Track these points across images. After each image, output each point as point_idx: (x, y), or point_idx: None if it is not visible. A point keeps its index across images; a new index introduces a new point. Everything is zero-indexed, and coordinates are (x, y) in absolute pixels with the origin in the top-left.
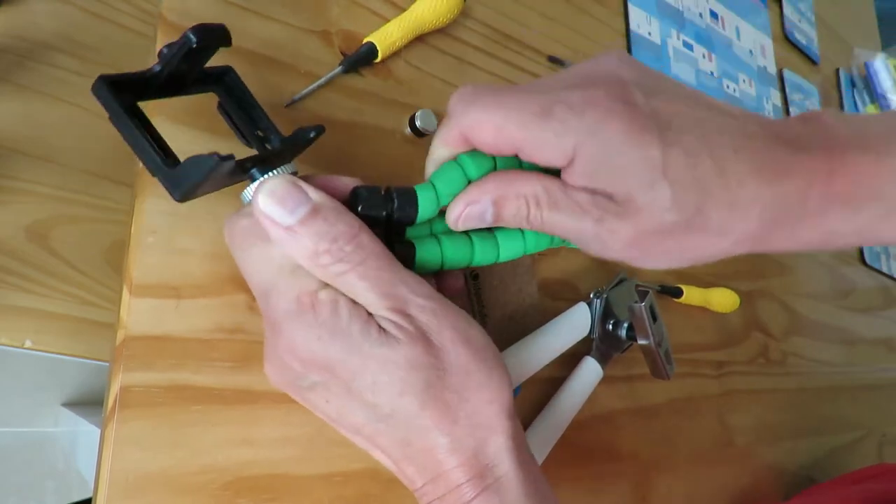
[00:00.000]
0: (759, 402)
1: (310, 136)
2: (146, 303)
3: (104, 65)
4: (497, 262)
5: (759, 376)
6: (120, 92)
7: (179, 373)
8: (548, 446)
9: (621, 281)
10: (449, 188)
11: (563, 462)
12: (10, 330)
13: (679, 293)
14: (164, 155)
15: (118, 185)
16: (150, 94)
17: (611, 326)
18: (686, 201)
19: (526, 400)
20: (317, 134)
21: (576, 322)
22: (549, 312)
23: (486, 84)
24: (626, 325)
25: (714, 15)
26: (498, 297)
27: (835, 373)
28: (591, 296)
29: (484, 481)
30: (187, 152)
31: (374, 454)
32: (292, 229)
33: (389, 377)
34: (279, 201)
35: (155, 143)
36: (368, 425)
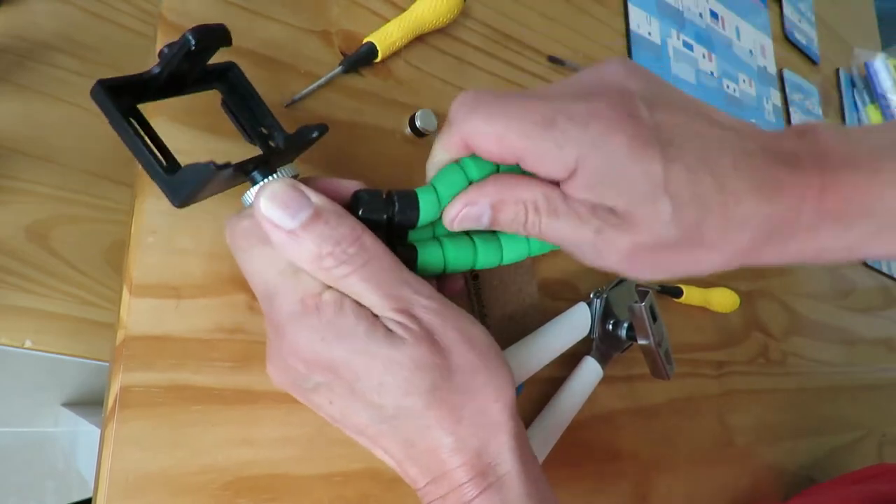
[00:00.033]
0: (759, 402)
1: (313, 136)
2: (146, 303)
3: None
4: (497, 276)
5: (759, 376)
6: (119, 96)
7: (179, 373)
8: (548, 446)
9: (621, 281)
10: (450, 191)
11: (563, 462)
12: (10, 330)
13: (679, 293)
14: (165, 159)
15: (118, 185)
16: (150, 96)
17: (611, 326)
18: (685, 217)
19: (526, 400)
20: (320, 133)
21: (576, 322)
22: (549, 312)
23: (489, 90)
24: (626, 325)
25: (714, 15)
26: (498, 297)
27: (835, 373)
28: (591, 296)
29: (486, 480)
30: (188, 152)
31: (376, 454)
32: (294, 233)
33: (395, 378)
34: (281, 205)
35: (155, 147)
36: (372, 426)
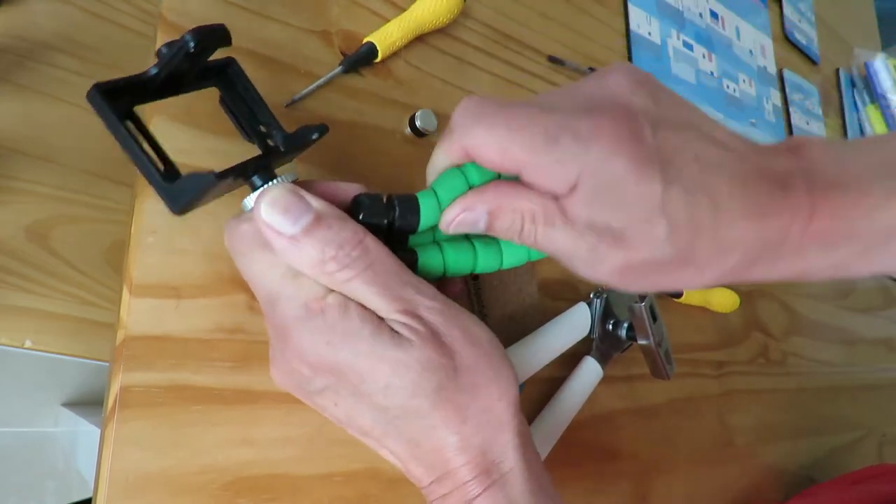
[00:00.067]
0: (759, 402)
1: (313, 138)
2: (146, 303)
3: (104, 65)
4: (497, 276)
5: (759, 376)
6: (115, 99)
7: (179, 373)
8: (548, 446)
9: None
10: (451, 195)
11: (563, 462)
12: (10, 330)
13: (679, 293)
14: (164, 163)
15: (118, 185)
16: (148, 97)
17: (611, 326)
18: (679, 238)
19: (526, 400)
20: (320, 134)
21: (576, 322)
22: (549, 312)
23: (492, 98)
24: (626, 325)
25: (714, 15)
26: (498, 297)
27: (835, 373)
28: (591, 296)
29: (490, 477)
30: (188, 152)
31: (381, 453)
32: (296, 239)
33: (402, 380)
34: (282, 211)
35: (153, 151)
36: (377, 427)
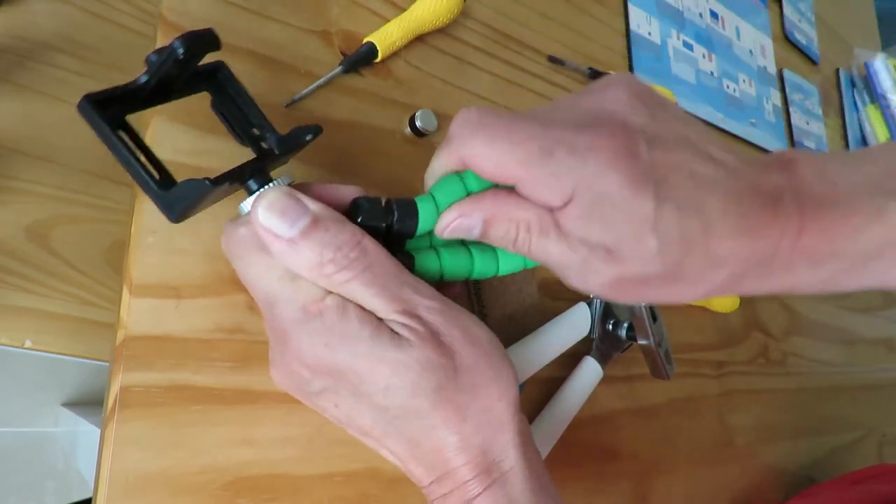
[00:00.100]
0: (759, 402)
1: (306, 139)
2: (146, 303)
3: (104, 65)
4: (496, 276)
5: (759, 376)
6: (107, 108)
7: (179, 373)
8: (548, 446)
9: None
10: (449, 201)
11: (563, 462)
12: (10, 330)
13: None
14: (158, 171)
15: (118, 185)
16: (139, 105)
17: (611, 326)
18: (670, 255)
19: (526, 400)
20: (314, 136)
21: (576, 322)
22: (549, 312)
23: (492, 110)
24: (626, 325)
25: (714, 15)
26: (498, 297)
27: (835, 373)
28: (592, 296)
29: (490, 477)
30: (188, 152)
31: (381, 453)
32: (294, 241)
33: (402, 380)
34: (279, 214)
35: (147, 159)
36: (377, 427)
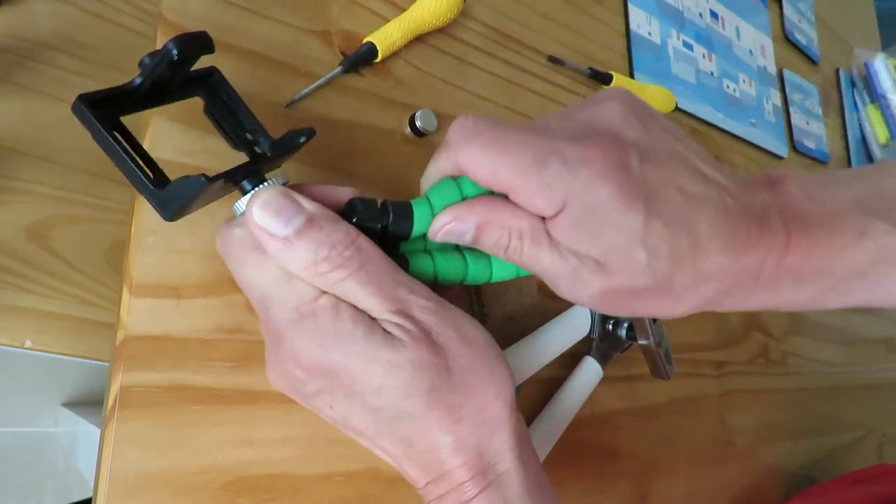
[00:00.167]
0: (759, 402)
1: (300, 142)
2: (146, 303)
3: (104, 65)
4: (490, 282)
5: (759, 376)
6: (101, 109)
7: (179, 373)
8: (548, 446)
9: None
10: (445, 204)
11: (563, 462)
12: (10, 330)
13: None
14: (152, 171)
15: (118, 185)
16: (133, 107)
17: (611, 326)
18: (659, 267)
19: (526, 400)
20: (307, 138)
21: (576, 322)
22: (549, 312)
23: (489, 118)
24: (626, 324)
25: (714, 15)
26: (498, 296)
27: (835, 373)
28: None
29: (486, 479)
30: (188, 152)
31: (377, 453)
32: (288, 240)
33: (394, 380)
34: (274, 213)
35: (141, 159)
36: (371, 427)
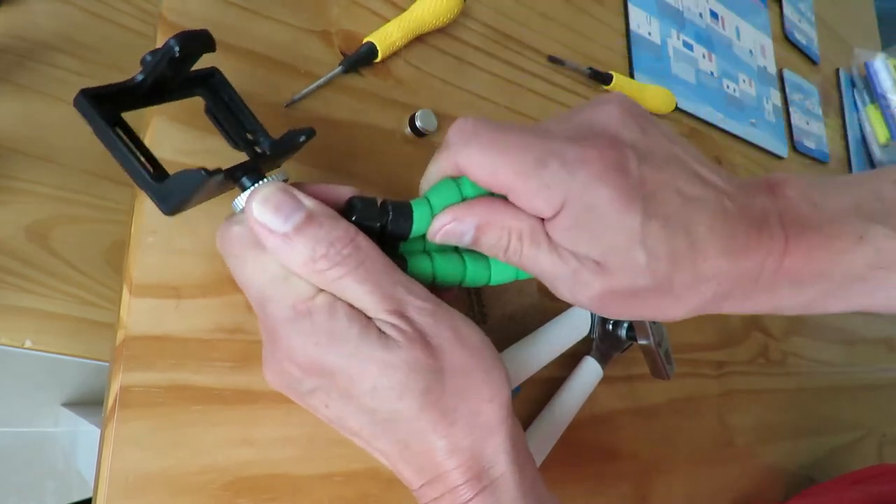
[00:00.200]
0: (759, 402)
1: (300, 141)
2: (146, 303)
3: (104, 65)
4: (488, 285)
5: (759, 376)
6: (103, 105)
7: (179, 373)
8: (548, 446)
9: None
10: (444, 204)
11: (563, 462)
12: (10, 330)
13: None
14: (152, 167)
15: (118, 185)
16: (134, 104)
17: (611, 326)
18: (658, 268)
19: (526, 400)
20: (307, 138)
21: (576, 322)
22: (549, 312)
23: (488, 120)
24: (625, 324)
25: (714, 15)
26: (498, 297)
27: (835, 373)
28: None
29: (481, 483)
30: (188, 152)
31: (372, 454)
32: (288, 236)
33: (389, 381)
34: (273, 209)
35: (142, 155)
36: (366, 428)
